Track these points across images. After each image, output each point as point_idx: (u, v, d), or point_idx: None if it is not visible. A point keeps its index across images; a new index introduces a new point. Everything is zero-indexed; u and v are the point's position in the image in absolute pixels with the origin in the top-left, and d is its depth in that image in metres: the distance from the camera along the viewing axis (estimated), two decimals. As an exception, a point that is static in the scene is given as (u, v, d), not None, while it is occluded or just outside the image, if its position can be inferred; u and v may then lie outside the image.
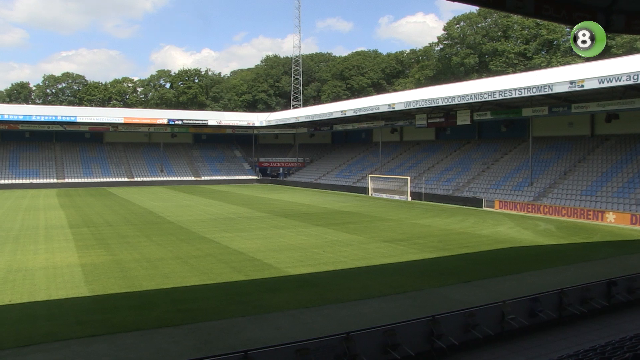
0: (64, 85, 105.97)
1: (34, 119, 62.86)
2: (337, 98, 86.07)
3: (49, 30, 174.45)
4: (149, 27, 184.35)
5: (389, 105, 47.18)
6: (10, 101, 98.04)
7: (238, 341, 10.74)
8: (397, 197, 45.73)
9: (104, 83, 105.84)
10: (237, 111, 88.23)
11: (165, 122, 67.32)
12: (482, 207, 37.52)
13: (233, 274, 16.84)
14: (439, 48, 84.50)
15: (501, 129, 45.90)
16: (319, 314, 12.84)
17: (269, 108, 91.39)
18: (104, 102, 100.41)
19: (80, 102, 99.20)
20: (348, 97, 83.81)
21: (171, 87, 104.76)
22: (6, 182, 60.43)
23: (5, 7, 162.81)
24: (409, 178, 45.84)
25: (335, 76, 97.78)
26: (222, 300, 14.14)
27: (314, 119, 61.94)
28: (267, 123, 70.98)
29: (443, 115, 46.35)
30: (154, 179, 66.50)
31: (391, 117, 53.24)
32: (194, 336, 11.12)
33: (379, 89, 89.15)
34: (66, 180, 62.90)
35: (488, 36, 75.36)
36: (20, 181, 60.72)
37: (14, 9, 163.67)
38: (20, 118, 63.09)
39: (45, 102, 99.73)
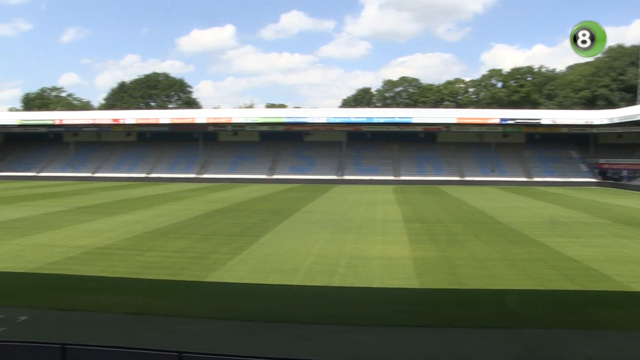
0: (400, 88, 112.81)
1: (374, 120, 68.66)
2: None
3: (387, 40, 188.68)
4: (479, 28, 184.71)
5: None
6: (355, 105, 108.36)
7: (567, 355, 10.04)
8: None
9: (437, 85, 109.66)
10: (573, 109, 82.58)
11: (497, 121, 66.73)
12: None
13: (564, 282, 15.81)
14: None
15: None
16: (666, 338, 11.25)
17: (611, 104, 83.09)
18: (437, 103, 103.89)
19: (415, 104, 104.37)
20: None
21: (503, 86, 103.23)
22: (351, 177, 67.23)
23: (352, 23, 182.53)
24: None
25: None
26: (550, 308, 13.39)
27: (668, 115, 54.49)
28: (609, 121, 64.68)
29: None
30: (484, 178, 66.42)
31: None
32: (516, 342, 10.75)
33: None
34: (401, 178, 67.04)
35: None
36: (362, 177, 66.81)
37: (359, 24, 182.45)
38: (363, 120, 69.58)
39: (384, 105, 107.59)
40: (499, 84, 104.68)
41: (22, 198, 42.39)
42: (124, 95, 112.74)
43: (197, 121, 71.70)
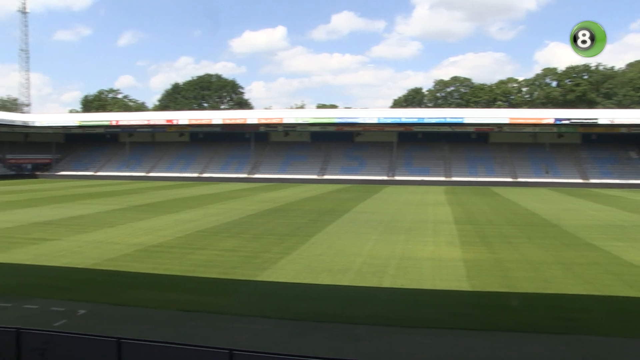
0: (452, 88, 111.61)
1: (425, 121, 68.01)
2: None
3: (439, 40, 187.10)
4: (532, 26, 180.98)
5: None
6: (406, 106, 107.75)
7: (625, 363, 9.75)
8: None
9: (489, 84, 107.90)
10: (633, 108, 79.79)
11: (552, 121, 65.08)
12: None
13: (623, 288, 15.26)
14: None
15: None
16: None
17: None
18: (489, 103, 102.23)
19: (466, 104, 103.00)
20: None
21: (558, 85, 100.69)
22: (401, 178, 66.83)
23: (403, 23, 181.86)
24: None
25: None
26: (606, 314, 12.97)
27: None
28: (673, 120, 62.28)
29: None
30: (537, 180, 64.87)
31: None
32: (571, 348, 10.47)
33: None
34: (453, 179, 66.20)
35: None
36: (413, 178, 66.31)
37: (410, 24, 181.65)
38: (415, 120, 69.03)
39: (436, 106, 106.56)
40: (554, 83, 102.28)
41: (81, 196, 43.82)
42: (177, 97, 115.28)
43: (249, 122, 72.53)
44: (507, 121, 66.41)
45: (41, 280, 15.66)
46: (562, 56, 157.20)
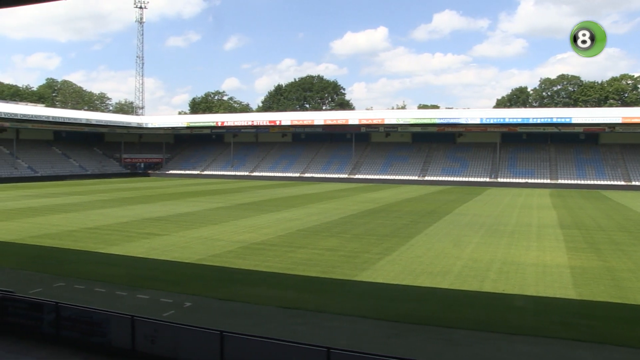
0: (559, 87, 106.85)
1: (530, 121, 65.59)
2: None
3: (545, 36, 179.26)
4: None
5: None
6: (510, 106, 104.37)
7: None
8: None
9: (600, 82, 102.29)
10: None
11: (671, 120, 60.82)
12: None
13: None
14: None
15: None
16: None
17: None
18: (600, 102, 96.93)
19: (575, 103, 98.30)
20: None
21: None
22: (504, 180, 64.91)
23: (507, 20, 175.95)
24: None
25: None
26: None
27: None
28: None
29: None
30: (654, 183, 60.78)
31: None
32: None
33: None
34: (559, 181, 63.44)
35: None
36: (517, 180, 64.22)
37: (514, 22, 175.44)
38: (519, 121, 66.74)
39: (541, 105, 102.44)
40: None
41: (189, 194, 45.91)
42: (280, 98, 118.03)
43: (350, 122, 73.06)
44: (619, 121, 62.66)
45: (152, 272, 16.64)
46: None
